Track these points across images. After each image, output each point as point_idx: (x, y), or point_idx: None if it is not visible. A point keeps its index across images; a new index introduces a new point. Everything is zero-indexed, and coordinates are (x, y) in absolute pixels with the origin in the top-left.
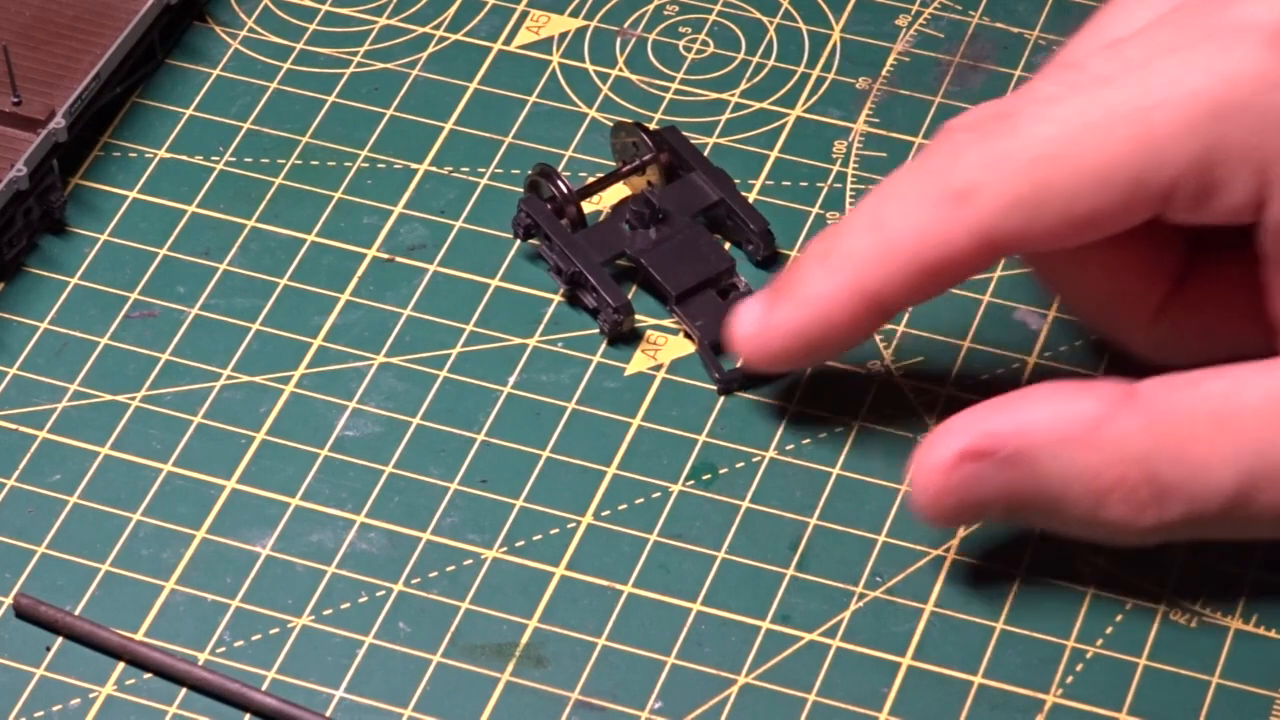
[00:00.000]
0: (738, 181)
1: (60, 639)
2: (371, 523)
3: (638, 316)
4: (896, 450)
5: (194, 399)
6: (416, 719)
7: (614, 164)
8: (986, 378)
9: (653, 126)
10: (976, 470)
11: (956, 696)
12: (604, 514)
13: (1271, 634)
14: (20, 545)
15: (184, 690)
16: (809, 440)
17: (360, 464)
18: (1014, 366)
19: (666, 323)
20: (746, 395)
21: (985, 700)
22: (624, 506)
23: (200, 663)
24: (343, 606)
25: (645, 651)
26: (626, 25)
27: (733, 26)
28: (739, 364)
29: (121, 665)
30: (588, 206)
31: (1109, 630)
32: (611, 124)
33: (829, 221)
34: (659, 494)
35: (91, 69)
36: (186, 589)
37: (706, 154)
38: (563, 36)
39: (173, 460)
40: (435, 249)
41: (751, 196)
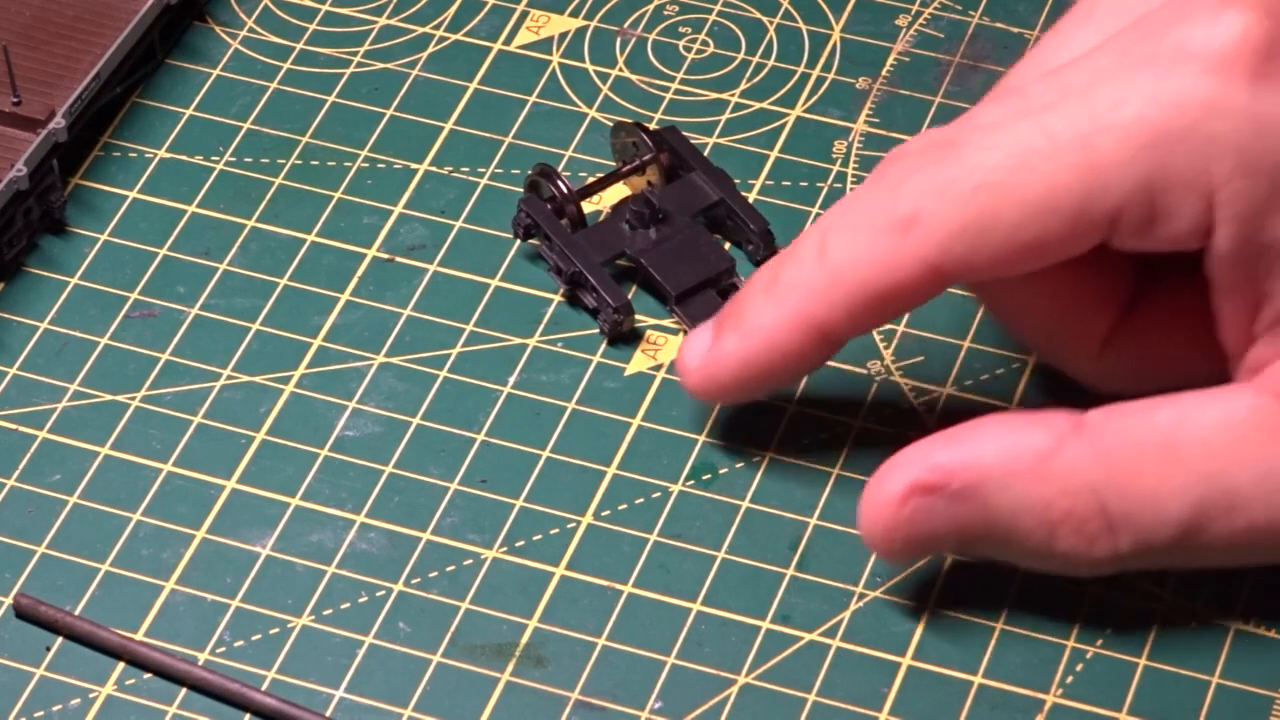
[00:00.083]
0: (738, 181)
1: (60, 639)
2: (371, 523)
3: (638, 316)
4: (896, 450)
5: (194, 399)
6: (416, 719)
7: (614, 164)
8: (986, 378)
9: (653, 126)
10: (926, 504)
11: (956, 696)
12: (604, 514)
13: (1271, 634)
14: (20, 545)
15: (184, 690)
16: (809, 440)
17: (360, 464)
18: (1014, 366)
19: (666, 323)
20: None
21: (985, 700)
22: (624, 506)
23: (200, 663)
24: (343, 606)
25: (645, 651)
26: (626, 25)
27: (733, 26)
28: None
29: (121, 665)
30: (588, 206)
31: (1109, 630)
32: (611, 124)
33: None
34: (659, 494)
35: (91, 69)
36: (186, 589)
37: (706, 154)
38: (563, 36)
39: (173, 460)
40: (435, 249)
41: (751, 196)
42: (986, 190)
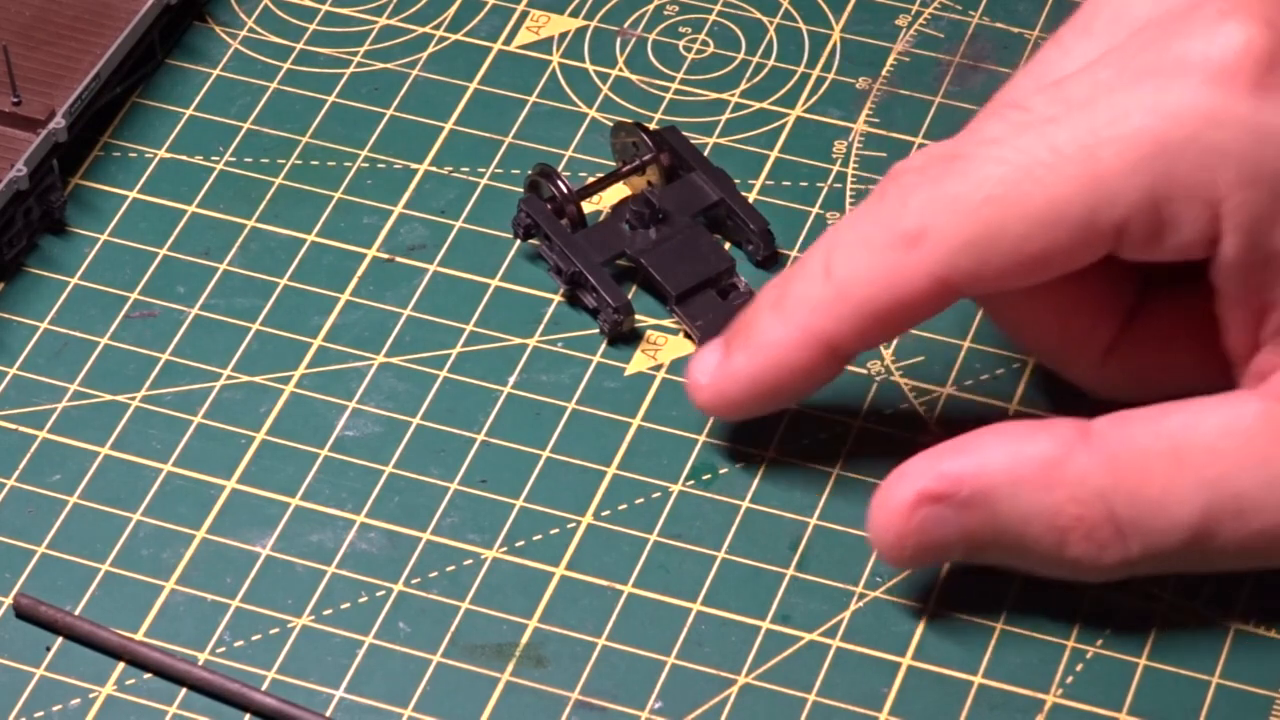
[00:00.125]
0: (738, 181)
1: (60, 639)
2: (371, 523)
3: (638, 316)
4: (896, 450)
5: (194, 399)
6: (416, 719)
7: (614, 164)
8: (986, 378)
9: (653, 126)
10: (935, 513)
11: (956, 696)
12: (604, 514)
13: (1271, 634)
14: (20, 545)
15: (184, 690)
16: (809, 440)
17: (360, 464)
18: (1014, 366)
19: (666, 323)
20: None
21: (985, 700)
22: (624, 506)
23: (200, 663)
24: (343, 606)
25: (645, 651)
26: (626, 25)
27: (733, 26)
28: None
29: (121, 665)
30: (588, 206)
31: (1109, 630)
32: (611, 124)
33: (829, 221)
34: (659, 494)
35: (91, 69)
36: (186, 589)
37: (706, 154)
38: (563, 36)
39: (173, 460)
40: (435, 249)
41: (751, 196)
42: (992, 203)
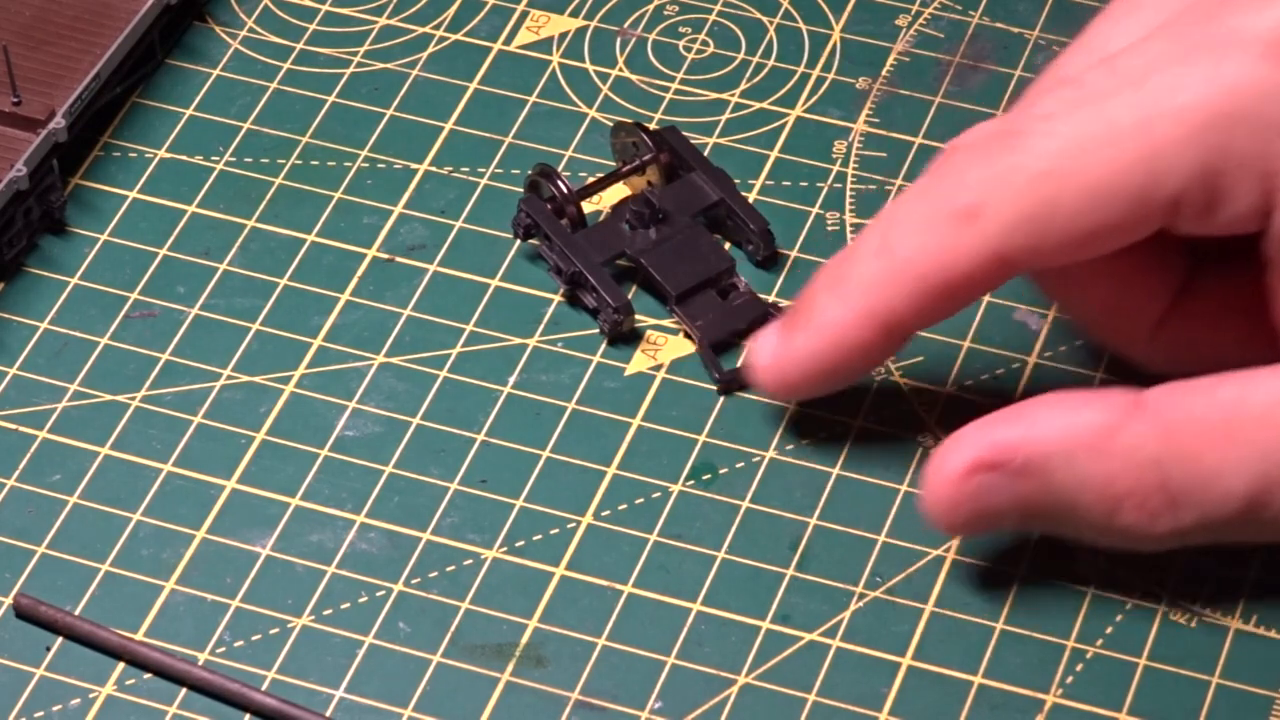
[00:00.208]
0: (738, 181)
1: (60, 639)
2: (371, 523)
3: (638, 316)
4: (896, 450)
5: (194, 399)
6: (416, 719)
7: (614, 164)
8: (986, 378)
9: (653, 126)
10: (988, 481)
11: (956, 696)
12: (604, 514)
13: (1271, 634)
14: (20, 545)
15: (184, 690)
16: (809, 440)
17: (360, 464)
18: (1014, 366)
19: (666, 323)
20: (746, 395)
21: (985, 700)
22: (624, 506)
23: (200, 663)
24: (343, 606)
25: (645, 651)
26: (626, 25)
27: (733, 26)
28: (739, 365)
29: (121, 665)
30: (588, 206)
31: (1109, 630)
32: (611, 124)
33: (829, 221)
34: (659, 494)
35: (91, 69)
36: (186, 589)
37: (706, 154)
38: (563, 36)
39: (173, 460)
40: (435, 249)
41: (751, 196)
42: (1048, 179)
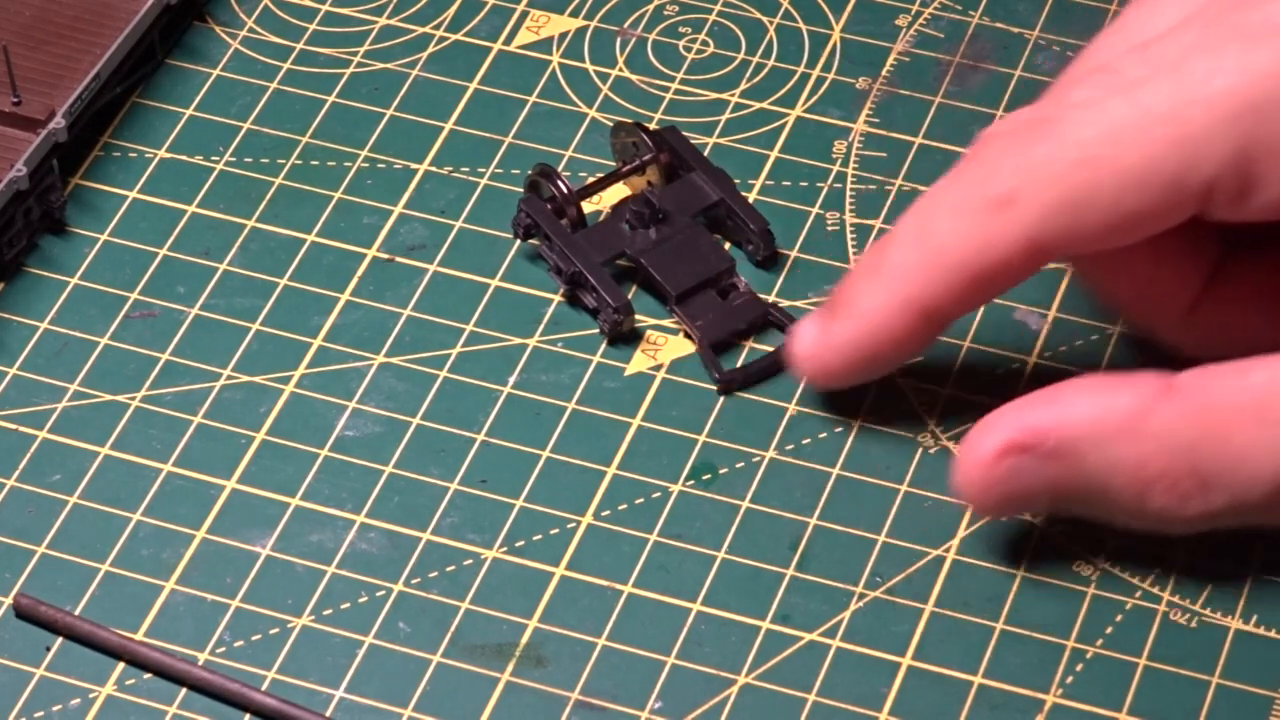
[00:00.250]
0: (738, 181)
1: (60, 639)
2: (371, 523)
3: (638, 316)
4: (896, 450)
5: (194, 399)
6: (416, 719)
7: (614, 164)
8: (986, 378)
9: (653, 126)
10: (1020, 463)
11: (956, 696)
12: (604, 514)
13: (1271, 634)
14: (20, 545)
15: (184, 690)
16: (809, 440)
17: (360, 464)
18: (1014, 366)
19: (666, 323)
20: (746, 395)
21: (985, 700)
22: (624, 506)
23: (200, 663)
24: (343, 606)
25: (645, 651)
26: (626, 25)
27: (733, 26)
28: (800, 379)
29: (121, 665)
30: (588, 206)
31: (1109, 630)
32: (611, 124)
33: (829, 221)
34: (659, 494)
35: (91, 69)
36: (186, 589)
37: (706, 154)
38: (563, 36)
39: (173, 460)
40: (435, 249)
41: (751, 196)
42: (1083, 166)
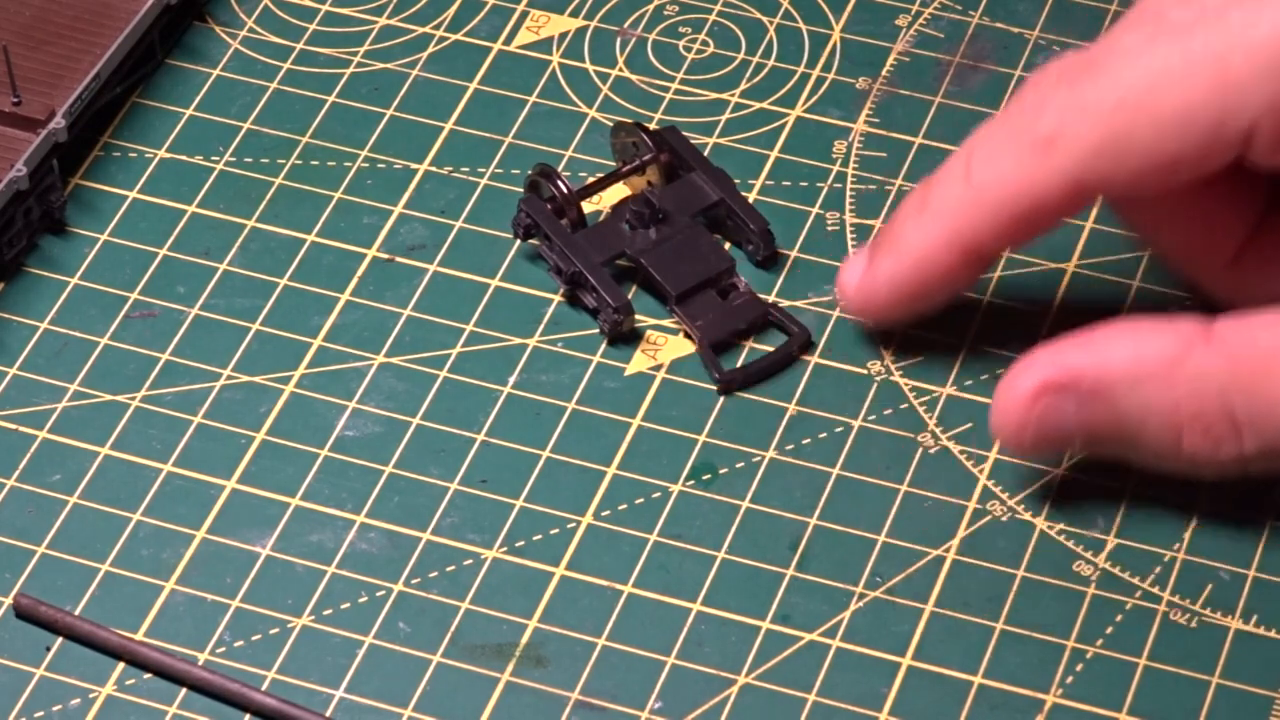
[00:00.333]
0: (738, 181)
1: (60, 639)
2: (371, 523)
3: (638, 316)
4: (896, 450)
5: (194, 399)
6: (416, 719)
7: (614, 164)
8: (986, 378)
9: (653, 126)
10: (1056, 403)
11: (956, 696)
12: (604, 514)
13: (1271, 634)
14: (20, 545)
15: (184, 690)
16: (809, 440)
17: (360, 464)
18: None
19: (666, 323)
20: (746, 395)
21: (985, 700)
22: (624, 506)
23: (200, 663)
24: (343, 606)
25: (645, 651)
26: (626, 25)
27: (733, 26)
28: (845, 309)
29: (121, 665)
30: (588, 206)
31: (1109, 630)
32: (611, 124)
33: (829, 221)
34: (659, 494)
35: (91, 69)
36: (186, 589)
37: (706, 154)
38: (563, 36)
39: (173, 460)
40: (435, 249)
41: (751, 196)
42: (1124, 108)
